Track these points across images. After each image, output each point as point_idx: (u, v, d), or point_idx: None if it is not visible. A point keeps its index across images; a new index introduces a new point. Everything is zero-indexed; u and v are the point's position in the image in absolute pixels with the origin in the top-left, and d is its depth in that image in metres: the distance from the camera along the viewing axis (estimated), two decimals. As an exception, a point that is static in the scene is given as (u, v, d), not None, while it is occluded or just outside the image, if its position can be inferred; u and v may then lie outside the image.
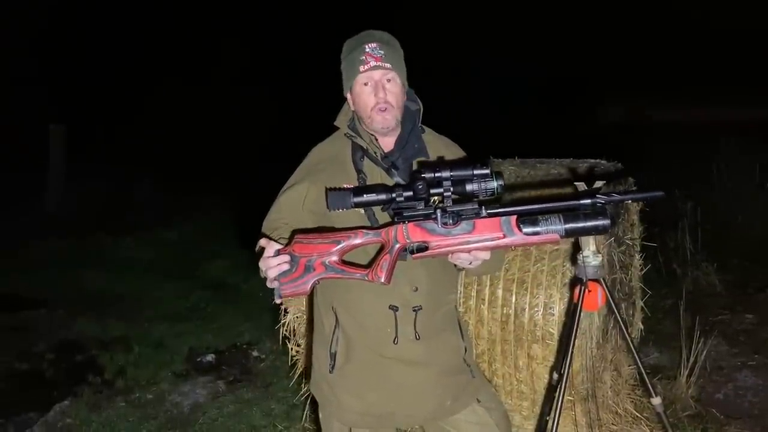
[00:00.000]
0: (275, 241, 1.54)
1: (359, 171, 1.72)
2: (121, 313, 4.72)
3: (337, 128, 1.82)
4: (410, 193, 1.47)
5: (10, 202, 7.58)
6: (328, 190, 1.53)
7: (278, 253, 1.48)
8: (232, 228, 6.71)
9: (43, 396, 3.52)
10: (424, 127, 1.82)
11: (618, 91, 14.09)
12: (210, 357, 4.04)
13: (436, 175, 1.45)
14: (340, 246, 1.49)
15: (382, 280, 1.47)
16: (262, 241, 1.53)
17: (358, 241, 1.50)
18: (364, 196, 1.49)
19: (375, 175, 1.72)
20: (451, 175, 1.45)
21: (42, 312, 4.75)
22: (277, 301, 1.53)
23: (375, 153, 1.73)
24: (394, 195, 1.48)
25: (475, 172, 1.44)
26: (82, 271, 5.65)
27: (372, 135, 1.74)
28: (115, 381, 3.71)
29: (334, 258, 1.48)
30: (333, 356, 1.78)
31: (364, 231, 1.51)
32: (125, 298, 5.08)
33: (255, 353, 4.07)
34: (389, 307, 1.70)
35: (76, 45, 13.07)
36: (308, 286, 1.48)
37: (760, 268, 4.88)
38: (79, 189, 8.12)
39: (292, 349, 2.89)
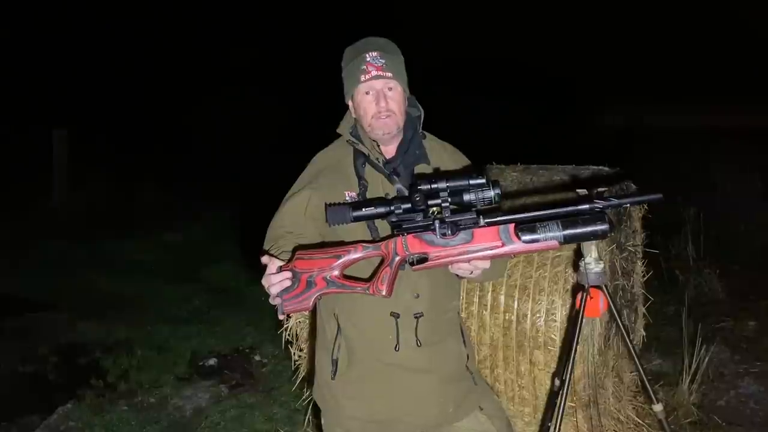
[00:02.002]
0: (276, 257, 1.55)
1: (360, 177, 1.72)
2: (123, 316, 4.72)
3: (339, 135, 1.82)
4: (408, 206, 1.47)
5: (14, 205, 7.60)
6: (327, 206, 1.54)
7: (280, 270, 1.50)
8: (234, 231, 6.71)
9: (45, 399, 3.53)
10: (425, 132, 1.82)
11: (618, 97, 14.10)
12: (212, 361, 4.04)
13: (433, 186, 1.45)
14: (341, 261, 1.50)
15: (384, 293, 1.49)
16: (264, 259, 1.54)
17: (358, 255, 1.51)
18: (363, 210, 1.49)
19: (376, 181, 1.72)
20: (448, 186, 1.45)
21: (45, 315, 4.75)
22: (281, 318, 1.55)
23: (377, 159, 1.73)
24: (392, 208, 1.48)
25: (471, 182, 1.44)
26: (85, 273, 5.65)
27: (374, 141, 1.74)
28: (118, 384, 3.71)
29: (335, 273, 1.50)
30: (335, 363, 1.78)
31: (364, 245, 1.52)
32: (128, 301, 5.08)
33: (257, 357, 4.08)
34: (390, 314, 1.71)
35: (77, 46, 13.13)
36: (310, 302, 1.49)
37: (762, 274, 4.87)
38: (82, 192, 8.14)
39: (294, 353, 2.90)
